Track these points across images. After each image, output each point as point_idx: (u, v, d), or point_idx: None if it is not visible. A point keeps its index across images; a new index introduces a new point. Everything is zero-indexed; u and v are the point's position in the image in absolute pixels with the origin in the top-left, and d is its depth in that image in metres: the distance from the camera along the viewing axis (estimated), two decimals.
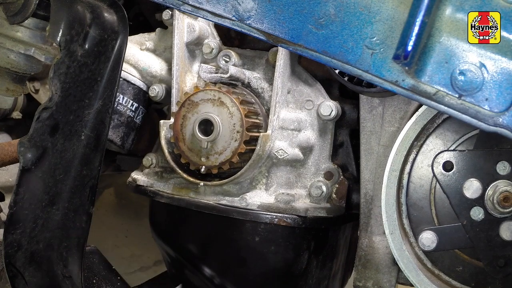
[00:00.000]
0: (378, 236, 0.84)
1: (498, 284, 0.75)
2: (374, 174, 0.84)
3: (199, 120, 0.84)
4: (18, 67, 0.73)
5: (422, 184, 0.78)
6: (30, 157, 0.64)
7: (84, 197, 0.69)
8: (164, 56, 0.99)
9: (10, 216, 0.64)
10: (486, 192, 0.73)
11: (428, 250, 0.76)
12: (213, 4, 0.53)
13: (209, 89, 0.85)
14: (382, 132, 0.84)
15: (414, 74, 0.49)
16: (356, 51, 0.50)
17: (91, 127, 0.68)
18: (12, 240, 0.65)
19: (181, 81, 0.93)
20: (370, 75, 0.50)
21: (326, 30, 0.51)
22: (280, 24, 0.52)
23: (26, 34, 0.71)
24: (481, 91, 0.48)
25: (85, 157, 0.68)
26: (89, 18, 0.66)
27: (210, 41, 0.94)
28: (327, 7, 0.50)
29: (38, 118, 0.64)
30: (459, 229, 0.75)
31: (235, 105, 0.83)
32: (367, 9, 0.49)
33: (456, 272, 0.77)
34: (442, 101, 0.49)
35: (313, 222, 0.86)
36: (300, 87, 0.90)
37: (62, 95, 0.64)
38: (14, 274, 0.65)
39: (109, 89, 0.68)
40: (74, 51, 0.64)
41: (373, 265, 0.84)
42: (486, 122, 0.49)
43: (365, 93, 0.82)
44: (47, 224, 0.67)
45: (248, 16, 0.53)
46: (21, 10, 0.65)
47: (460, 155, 0.75)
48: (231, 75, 0.87)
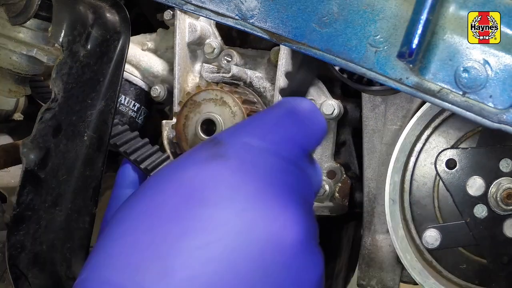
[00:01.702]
0: (381, 235, 0.84)
1: (502, 281, 0.75)
2: (377, 172, 0.84)
3: (201, 120, 0.84)
4: (20, 68, 0.73)
5: (425, 182, 0.78)
6: (33, 158, 0.64)
7: (87, 198, 0.69)
8: (166, 56, 0.99)
9: (13, 218, 0.64)
10: (489, 190, 0.73)
11: (431, 248, 0.76)
12: (216, 3, 0.53)
13: (211, 89, 0.85)
14: (385, 130, 0.83)
15: (418, 71, 0.49)
16: (360, 49, 0.50)
17: (94, 127, 0.68)
18: (15, 242, 0.64)
19: (183, 81, 0.93)
20: (374, 73, 0.50)
21: (329, 29, 0.51)
22: (284, 23, 0.52)
23: (28, 35, 0.71)
24: (485, 88, 0.48)
25: (88, 158, 0.68)
26: (91, 18, 0.65)
27: (212, 41, 0.94)
28: (330, 5, 0.50)
29: (40, 119, 0.64)
30: (462, 226, 0.75)
31: (237, 105, 0.83)
32: (371, 7, 0.49)
33: (459, 269, 0.77)
34: (446, 99, 0.49)
35: (316, 220, 0.86)
36: None
37: (65, 95, 0.64)
38: (18, 275, 0.65)
39: (112, 90, 0.68)
40: (77, 52, 0.64)
41: (377, 263, 0.84)
42: (490, 119, 0.48)
43: (367, 92, 0.82)
44: (50, 225, 0.66)
45: (251, 15, 0.52)
46: (23, 11, 0.65)
47: (463, 152, 0.75)
48: (233, 74, 0.87)
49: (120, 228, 0.44)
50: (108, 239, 0.44)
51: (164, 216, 0.42)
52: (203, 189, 0.43)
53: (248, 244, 0.41)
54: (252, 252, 0.41)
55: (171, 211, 0.43)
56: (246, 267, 0.41)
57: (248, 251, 0.41)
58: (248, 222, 0.42)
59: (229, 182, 0.43)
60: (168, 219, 0.42)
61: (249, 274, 0.41)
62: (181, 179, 0.44)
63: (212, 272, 0.40)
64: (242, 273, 0.40)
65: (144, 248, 0.41)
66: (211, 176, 0.44)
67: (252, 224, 0.42)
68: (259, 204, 0.43)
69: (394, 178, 0.76)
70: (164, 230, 0.41)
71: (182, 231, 0.41)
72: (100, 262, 0.42)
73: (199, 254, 0.40)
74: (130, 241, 0.42)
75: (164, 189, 0.44)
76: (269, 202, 0.44)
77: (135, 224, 0.43)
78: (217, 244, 0.40)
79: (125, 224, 0.44)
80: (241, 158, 0.45)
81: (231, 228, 0.41)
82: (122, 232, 0.43)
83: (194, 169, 0.45)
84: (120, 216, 0.45)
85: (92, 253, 0.44)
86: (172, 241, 0.41)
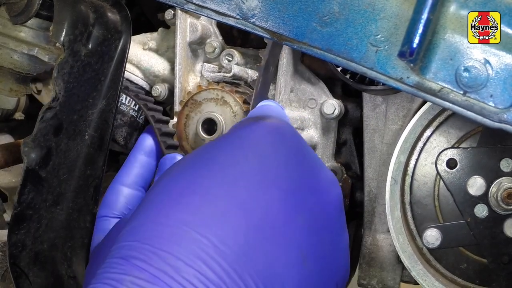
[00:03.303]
0: (382, 234, 0.84)
1: (502, 281, 0.75)
2: (378, 172, 0.85)
3: (202, 119, 0.84)
4: (21, 67, 0.73)
5: (426, 181, 0.78)
6: (34, 157, 0.64)
7: (88, 197, 0.69)
8: (167, 55, 0.99)
9: (14, 217, 0.64)
10: (490, 189, 0.73)
11: (432, 248, 0.76)
12: (217, 3, 0.53)
13: (212, 88, 0.85)
14: (386, 130, 0.84)
15: (419, 71, 0.49)
16: (360, 49, 0.50)
17: (95, 127, 0.68)
18: (16, 241, 0.64)
19: (184, 81, 0.93)
20: (375, 73, 0.50)
21: (330, 28, 0.51)
22: (285, 22, 0.52)
23: (29, 34, 0.71)
24: (486, 87, 0.48)
25: (89, 157, 0.68)
26: (93, 17, 0.65)
27: (213, 41, 0.94)
28: (331, 5, 0.50)
29: (42, 118, 0.64)
30: (463, 226, 0.75)
31: (238, 104, 0.83)
32: (372, 7, 0.49)
33: (460, 269, 0.77)
34: (447, 98, 0.49)
35: None
36: (303, 85, 0.90)
37: (66, 95, 0.64)
38: (18, 274, 0.65)
39: (113, 89, 0.68)
40: (78, 51, 0.64)
41: (377, 263, 0.84)
42: (491, 119, 0.49)
43: (368, 91, 0.82)
44: (51, 224, 0.66)
45: (252, 14, 0.53)
46: (24, 10, 0.65)
47: (463, 152, 0.75)
48: (234, 74, 0.87)
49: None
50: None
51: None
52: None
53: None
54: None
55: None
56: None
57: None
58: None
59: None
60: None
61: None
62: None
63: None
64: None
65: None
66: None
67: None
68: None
69: (394, 178, 0.76)
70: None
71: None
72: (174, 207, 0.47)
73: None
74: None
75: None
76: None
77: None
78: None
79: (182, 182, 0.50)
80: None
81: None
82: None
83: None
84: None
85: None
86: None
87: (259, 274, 0.44)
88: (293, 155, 0.54)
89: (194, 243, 0.43)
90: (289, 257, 0.47)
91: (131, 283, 0.41)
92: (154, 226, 0.45)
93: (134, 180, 0.78)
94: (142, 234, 0.45)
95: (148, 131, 0.86)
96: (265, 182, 0.49)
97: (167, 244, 0.43)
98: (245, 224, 0.46)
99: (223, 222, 0.45)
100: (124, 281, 0.42)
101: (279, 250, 0.47)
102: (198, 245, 0.43)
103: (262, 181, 0.49)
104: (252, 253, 0.45)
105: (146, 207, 0.49)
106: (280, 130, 0.56)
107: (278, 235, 0.47)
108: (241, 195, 0.47)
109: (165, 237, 0.44)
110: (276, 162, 0.52)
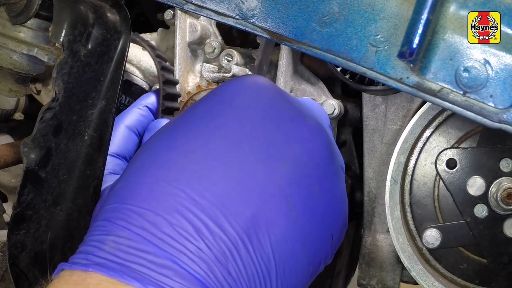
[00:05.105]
0: (381, 234, 0.84)
1: (502, 281, 0.75)
2: (377, 172, 0.85)
3: None
4: (21, 67, 0.73)
5: (425, 182, 0.78)
6: (34, 158, 0.64)
7: (87, 198, 0.69)
8: (166, 56, 0.99)
9: (14, 217, 0.64)
10: (489, 189, 0.73)
11: (432, 248, 0.76)
12: (216, 3, 0.53)
13: (212, 88, 0.85)
14: (385, 130, 0.84)
15: (419, 71, 0.49)
16: (360, 49, 0.50)
17: (94, 127, 0.68)
18: (16, 241, 0.64)
19: (184, 81, 0.93)
20: (374, 73, 0.50)
21: (330, 28, 0.51)
22: (284, 23, 0.52)
23: (29, 34, 0.71)
24: (485, 87, 0.48)
25: (88, 157, 0.68)
26: (92, 18, 0.65)
27: (212, 41, 0.94)
28: (331, 5, 0.50)
29: (41, 119, 0.64)
30: (463, 226, 0.75)
31: None
32: (371, 7, 0.49)
33: (460, 269, 0.77)
34: (447, 98, 0.49)
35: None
36: (303, 85, 0.90)
37: (66, 95, 0.64)
38: (18, 274, 0.65)
39: (112, 89, 0.68)
40: (77, 51, 0.64)
41: (377, 263, 0.84)
42: (491, 119, 0.49)
43: (367, 91, 0.82)
44: (51, 224, 0.66)
45: (252, 14, 0.53)
46: (23, 11, 0.65)
47: (463, 152, 0.75)
48: (234, 74, 0.88)
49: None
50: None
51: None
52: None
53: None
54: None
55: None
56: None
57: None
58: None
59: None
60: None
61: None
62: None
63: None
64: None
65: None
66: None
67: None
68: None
69: (394, 178, 0.76)
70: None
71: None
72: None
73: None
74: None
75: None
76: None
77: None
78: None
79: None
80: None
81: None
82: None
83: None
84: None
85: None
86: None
87: (240, 223, 0.45)
88: (271, 107, 0.54)
89: (172, 197, 0.45)
90: (273, 206, 0.47)
91: (113, 242, 0.44)
92: (134, 186, 0.48)
93: (119, 148, 0.77)
94: (123, 194, 0.48)
95: (156, 91, 0.85)
96: (241, 133, 0.50)
97: (146, 201, 0.45)
98: (223, 176, 0.46)
99: (201, 175, 0.46)
100: (107, 241, 0.44)
101: (260, 199, 0.47)
102: (176, 199, 0.45)
103: (237, 132, 0.50)
104: (230, 204, 0.45)
105: (128, 170, 0.52)
106: (258, 84, 0.57)
107: (258, 184, 0.47)
108: (217, 147, 0.48)
109: (143, 195, 0.46)
110: (253, 114, 0.52)
